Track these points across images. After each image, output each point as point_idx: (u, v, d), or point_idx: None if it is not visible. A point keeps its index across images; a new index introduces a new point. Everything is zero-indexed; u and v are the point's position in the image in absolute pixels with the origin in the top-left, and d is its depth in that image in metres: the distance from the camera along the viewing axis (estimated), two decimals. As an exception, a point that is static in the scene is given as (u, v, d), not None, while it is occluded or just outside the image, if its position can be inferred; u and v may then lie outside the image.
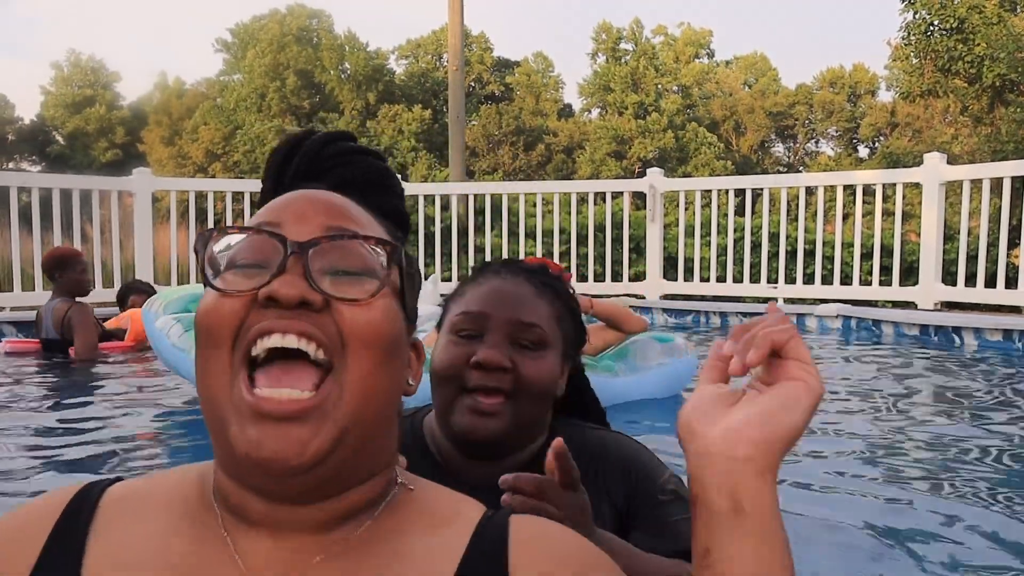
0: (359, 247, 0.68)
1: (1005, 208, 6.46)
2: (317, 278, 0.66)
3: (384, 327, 0.67)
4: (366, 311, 0.66)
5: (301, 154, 0.78)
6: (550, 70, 40.19)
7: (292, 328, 0.64)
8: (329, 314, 0.65)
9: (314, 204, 0.70)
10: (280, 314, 0.64)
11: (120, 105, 41.19)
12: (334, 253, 0.67)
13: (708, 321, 6.94)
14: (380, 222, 0.76)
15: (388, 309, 0.69)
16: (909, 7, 13.80)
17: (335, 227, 0.68)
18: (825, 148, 39.59)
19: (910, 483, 2.57)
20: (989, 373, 4.70)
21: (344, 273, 0.67)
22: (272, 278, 0.65)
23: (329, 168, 0.77)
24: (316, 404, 0.64)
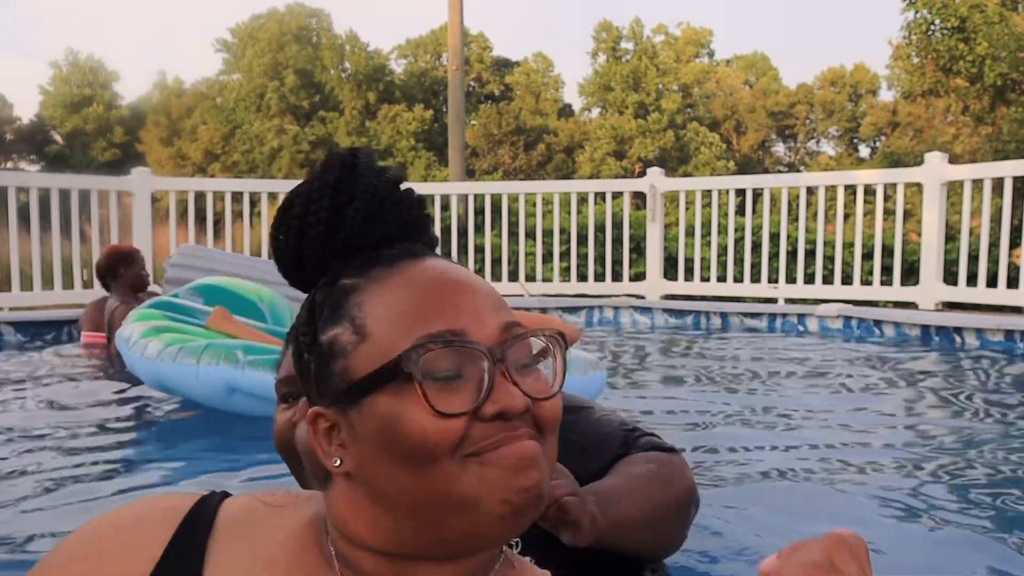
0: (531, 340, 0.72)
1: (1006, 208, 6.44)
2: (519, 381, 0.69)
3: (560, 407, 0.73)
4: (554, 400, 0.71)
5: (361, 197, 0.73)
6: (550, 70, 40.17)
7: (522, 436, 0.68)
8: (529, 412, 0.69)
9: (480, 301, 0.71)
10: (505, 426, 0.68)
11: (119, 105, 41.15)
12: (517, 348, 0.70)
13: (708, 321, 6.92)
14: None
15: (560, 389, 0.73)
16: (910, 6, 13.78)
17: (509, 323, 0.71)
18: (826, 148, 39.62)
19: (911, 483, 2.55)
20: (991, 373, 4.68)
21: (524, 366, 0.71)
22: (489, 391, 0.67)
23: (387, 208, 0.75)
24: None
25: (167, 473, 2.74)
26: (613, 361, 5.27)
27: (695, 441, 3.13)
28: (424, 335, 0.67)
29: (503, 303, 0.73)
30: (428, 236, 0.78)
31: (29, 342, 5.78)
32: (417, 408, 0.66)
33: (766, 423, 3.44)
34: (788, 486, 2.52)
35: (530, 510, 0.69)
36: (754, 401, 3.90)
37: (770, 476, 2.62)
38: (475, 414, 0.67)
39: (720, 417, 3.54)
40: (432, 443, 0.66)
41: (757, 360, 5.19)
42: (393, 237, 0.75)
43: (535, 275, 8.48)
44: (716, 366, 4.97)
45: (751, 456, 2.87)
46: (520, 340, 0.70)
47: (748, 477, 2.62)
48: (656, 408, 3.77)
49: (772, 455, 2.89)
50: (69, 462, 2.80)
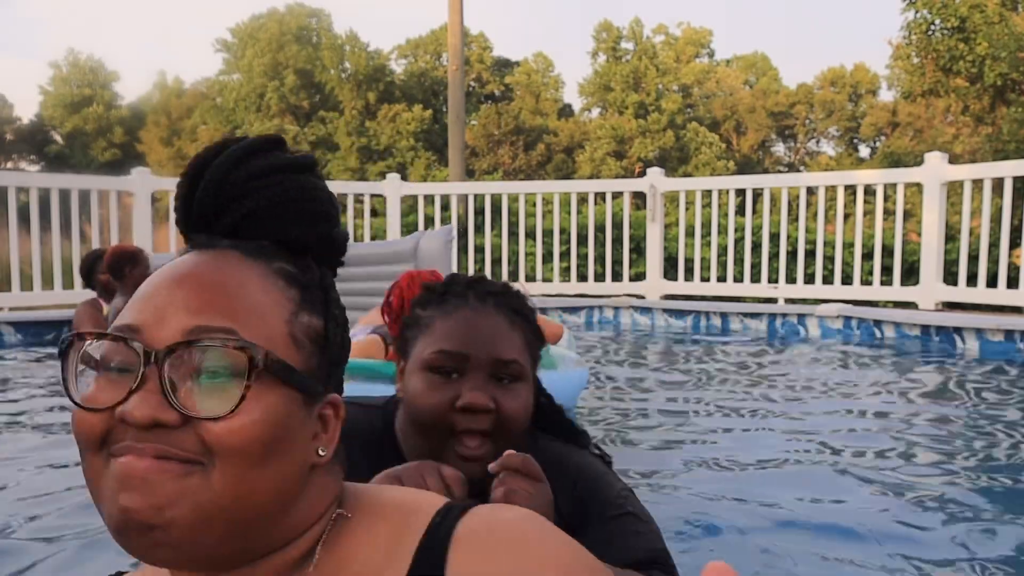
0: (220, 350, 0.64)
1: (1006, 208, 6.44)
2: (177, 390, 0.63)
3: (252, 434, 0.63)
4: (229, 423, 0.62)
5: (203, 186, 0.71)
6: (550, 70, 40.16)
7: (147, 451, 0.62)
8: (191, 428, 0.62)
9: (174, 300, 0.65)
10: (135, 435, 0.62)
11: (119, 105, 41.16)
12: (196, 356, 0.63)
13: (709, 321, 6.92)
14: (281, 268, 0.70)
15: (264, 408, 0.64)
16: (910, 6, 13.78)
17: (198, 327, 0.64)
18: (826, 148, 39.61)
19: (911, 483, 2.55)
20: (990, 373, 4.68)
21: (210, 375, 0.63)
22: (128, 395, 0.62)
23: (236, 197, 0.70)
24: (173, 480, 0.62)
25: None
26: (613, 361, 5.27)
27: (694, 441, 3.13)
28: (115, 325, 0.66)
29: (218, 307, 0.65)
30: (288, 225, 0.72)
31: (29, 342, 5.78)
32: (70, 398, 0.65)
33: (766, 423, 3.44)
34: (787, 486, 2.51)
35: (131, 534, 0.62)
36: (753, 401, 3.90)
37: (769, 476, 2.62)
38: (116, 414, 0.63)
39: (720, 417, 3.54)
40: (76, 432, 0.65)
41: (757, 360, 5.19)
42: (239, 227, 0.71)
43: (535, 275, 8.48)
44: (716, 366, 4.96)
45: (750, 456, 2.87)
46: (193, 345, 0.63)
47: (747, 477, 2.62)
48: (655, 408, 3.76)
49: (771, 455, 2.89)
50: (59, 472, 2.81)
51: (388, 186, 8.62)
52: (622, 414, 3.65)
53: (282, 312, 0.68)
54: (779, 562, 1.94)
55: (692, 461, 2.80)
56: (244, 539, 0.65)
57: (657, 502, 2.34)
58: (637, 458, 2.82)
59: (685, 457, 2.85)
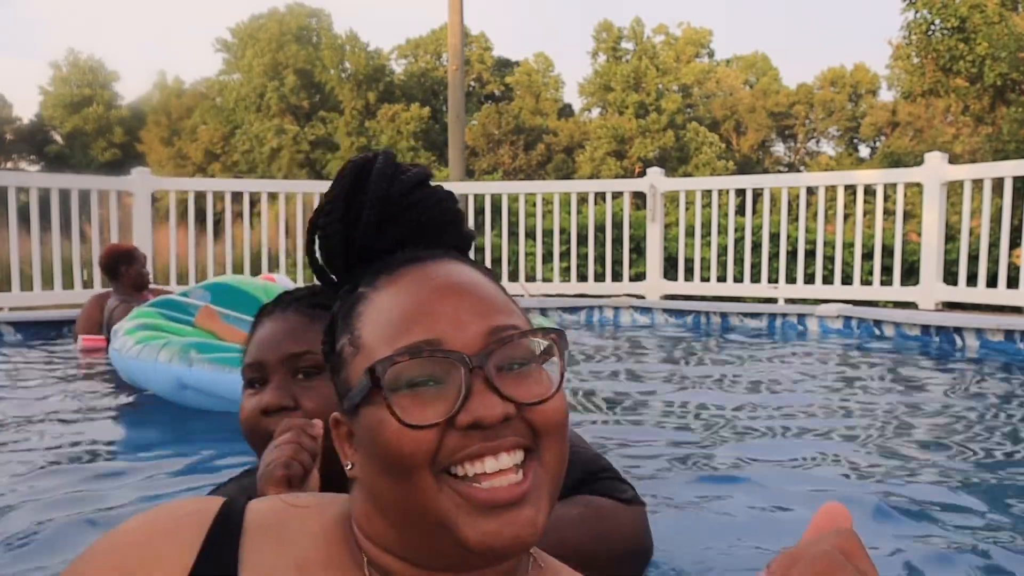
0: (525, 342, 0.70)
1: (1006, 208, 6.44)
2: (503, 387, 0.67)
3: (564, 409, 0.71)
4: (552, 403, 0.69)
5: (371, 201, 0.76)
6: (550, 70, 40.16)
7: (501, 447, 0.67)
8: (521, 416, 0.68)
9: (463, 306, 0.70)
10: (484, 435, 0.67)
11: (119, 105, 41.16)
12: (505, 352, 0.69)
13: (709, 321, 6.92)
14: (484, 270, 0.77)
15: (562, 390, 0.71)
16: (910, 6, 13.79)
17: (495, 327, 0.69)
18: (826, 148, 39.63)
19: (910, 483, 2.55)
20: (991, 374, 4.68)
21: (517, 364, 0.69)
22: (464, 400, 0.66)
23: (401, 210, 0.76)
24: (531, 484, 0.68)
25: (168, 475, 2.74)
26: (613, 361, 5.27)
27: (693, 441, 3.13)
28: (400, 346, 0.68)
29: (496, 306, 0.71)
30: (451, 235, 0.78)
31: (29, 342, 5.78)
32: (390, 419, 0.67)
33: (765, 423, 3.44)
34: (786, 486, 2.51)
35: (508, 551, 0.67)
36: (753, 401, 3.90)
37: (769, 476, 2.62)
38: (450, 424, 0.66)
39: (718, 417, 3.54)
40: (405, 454, 0.66)
41: (756, 360, 5.19)
42: (410, 240, 0.76)
43: (535, 275, 8.48)
44: (715, 366, 4.96)
45: (750, 456, 2.87)
46: (505, 343, 0.68)
47: (746, 477, 2.62)
48: (655, 408, 3.76)
49: (771, 455, 2.89)
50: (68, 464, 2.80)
51: (388, 186, 8.62)
52: (621, 414, 3.65)
53: (510, 303, 0.75)
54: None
55: (692, 461, 2.80)
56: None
57: (657, 501, 2.34)
58: (637, 458, 2.82)
59: (684, 457, 2.85)
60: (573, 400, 3.94)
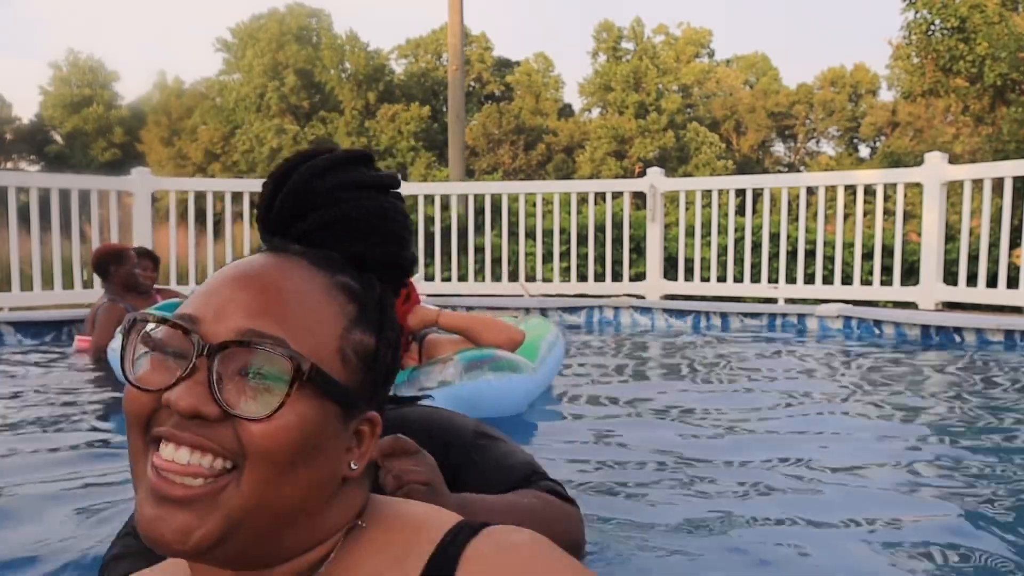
0: (269, 355, 0.66)
1: (1006, 208, 6.44)
2: (224, 385, 0.65)
3: (284, 440, 0.65)
4: (265, 426, 0.64)
5: (288, 188, 0.74)
6: (550, 70, 40.16)
7: (184, 440, 0.64)
8: (230, 424, 0.65)
9: (236, 299, 0.68)
10: (176, 422, 0.65)
11: (119, 105, 41.16)
12: (246, 357, 0.66)
13: (708, 321, 6.92)
14: (344, 283, 0.72)
15: (300, 419, 0.66)
16: (910, 6, 13.79)
17: (251, 331, 0.66)
18: (826, 148, 39.63)
19: (910, 484, 2.55)
20: (990, 374, 4.68)
21: (258, 375, 0.66)
22: (177, 380, 0.65)
23: (316, 206, 0.74)
24: (203, 494, 0.64)
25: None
26: (613, 361, 5.27)
27: (693, 441, 3.13)
28: (176, 313, 0.69)
29: (275, 314, 0.67)
30: (367, 244, 0.75)
31: (29, 342, 5.78)
32: (127, 374, 0.68)
33: (764, 423, 3.43)
34: (784, 487, 2.51)
35: (155, 546, 0.65)
36: (753, 402, 3.90)
37: (767, 476, 2.62)
38: (163, 399, 0.65)
39: (719, 417, 3.54)
40: (125, 408, 0.67)
41: (756, 361, 5.19)
42: (312, 235, 0.74)
43: (535, 275, 8.48)
44: (715, 367, 4.96)
45: (749, 456, 2.87)
46: (243, 347, 0.65)
47: (746, 477, 2.62)
48: (654, 409, 3.76)
49: (770, 455, 2.89)
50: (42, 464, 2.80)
51: (388, 186, 8.61)
52: (621, 414, 3.65)
53: (335, 326, 0.70)
54: (778, 561, 1.94)
55: (691, 461, 2.80)
56: (266, 544, 0.68)
57: (656, 503, 2.34)
58: (636, 459, 2.82)
59: (684, 458, 2.85)
60: (573, 400, 3.94)
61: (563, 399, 3.95)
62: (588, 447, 3.04)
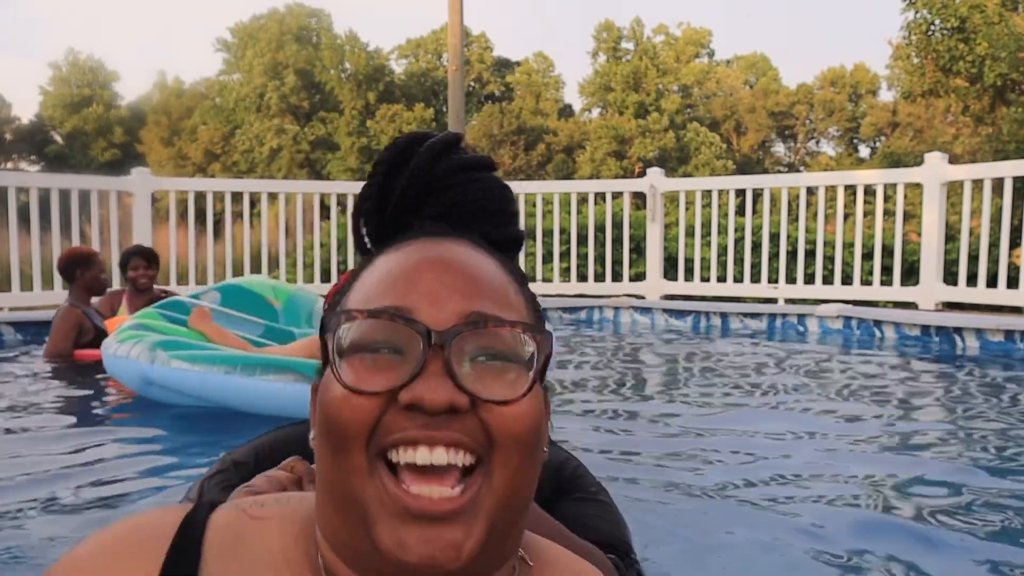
0: (505, 333, 0.63)
1: (1006, 208, 6.44)
2: (462, 374, 0.60)
3: (533, 422, 0.63)
4: (515, 409, 0.61)
5: (410, 173, 0.72)
6: (550, 70, 40.16)
7: (440, 439, 0.60)
8: (476, 414, 0.61)
9: (447, 282, 0.64)
10: (425, 422, 0.59)
11: (119, 105, 41.17)
12: (477, 340, 0.62)
13: (709, 321, 6.92)
14: (504, 264, 0.70)
15: (537, 399, 0.64)
16: (910, 7, 13.78)
17: (475, 312, 0.62)
18: (826, 148, 39.63)
19: (909, 484, 2.55)
20: (990, 374, 4.68)
21: (490, 356, 0.62)
22: (413, 376, 0.60)
23: (442, 188, 0.72)
24: (468, 502, 0.60)
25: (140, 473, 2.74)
26: (613, 361, 5.27)
27: (693, 442, 3.13)
28: (366, 310, 0.63)
29: (489, 293, 0.65)
30: (490, 224, 0.73)
31: (29, 342, 5.77)
32: (335, 380, 0.62)
33: (765, 423, 3.43)
34: (785, 487, 2.51)
35: (420, 570, 0.59)
36: (753, 401, 3.90)
37: (767, 477, 2.62)
38: (394, 399, 0.60)
39: (719, 417, 3.54)
40: (341, 420, 0.61)
41: (756, 361, 5.18)
42: (444, 220, 0.71)
43: (535, 275, 8.48)
44: (715, 367, 4.96)
45: (749, 456, 2.87)
46: (480, 329, 0.61)
47: (745, 478, 2.62)
48: (655, 408, 3.76)
49: (770, 456, 2.89)
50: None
51: (388, 186, 8.61)
52: (621, 414, 3.65)
53: (524, 308, 0.68)
54: (778, 561, 1.94)
55: (691, 462, 2.80)
56: (505, 542, 0.65)
57: (656, 503, 2.34)
58: (636, 459, 2.82)
59: (684, 458, 2.85)
60: (572, 400, 3.94)
61: (563, 399, 3.94)
62: (588, 446, 3.04)
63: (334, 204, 8.15)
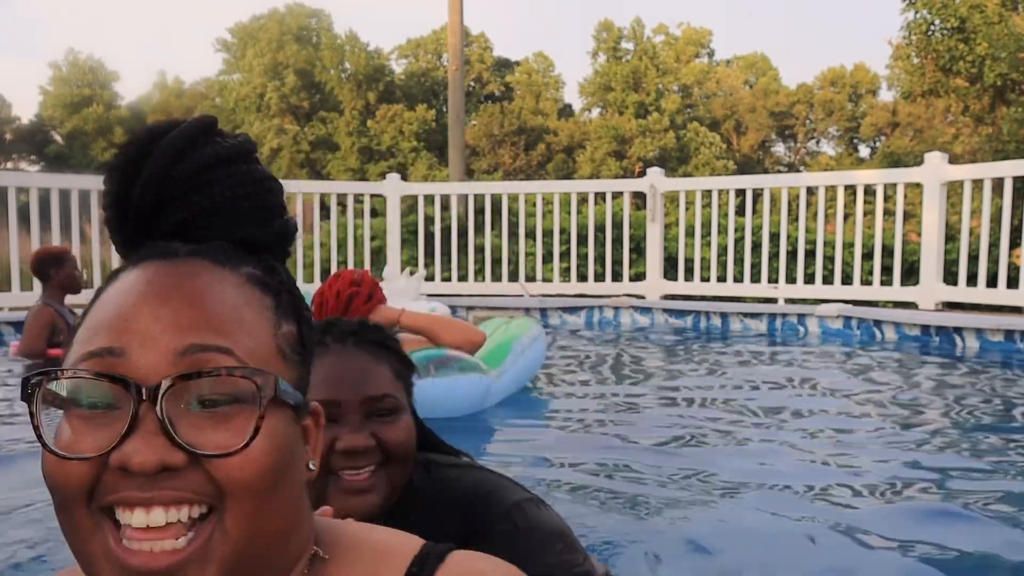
0: (224, 379, 0.58)
1: (1006, 208, 6.44)
2: (179, 428, 0.56)
3: (268, 464, 0.58)
4: (242, 457, 0.57)
5: (143, 182, 0.62)
6: (550, 70, 40.16)
7: (157, 500, 0.56)
8: (200, 466, 0.56)
9: (162, 316, 0.58)
10: (140, 483, 0.55)
11: (118, 105, 41.16)
12: (196, 387, 0.57)
13: (709, 321, 6.92)
14: (251, 275, 0.64)
15: (270, 437, 0.59)
16: (910, 7, 13.78)
17: (193, 345, 0.57)
18: (826, 148, 39.62)
19: (909, 484, 2.55)
20: (990, 374, 4.68)
21: (212, 403, 0.58)
22: (123, 438, 0.55)
23: (181, 194, 0.63)
24: (195, 551, 0.57)
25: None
26: (612, 361, 5.27)
27: (693, 442, 3.13)
28: (83, 352, 0.58)
29: (209, 321, 0.59)
30: (252, 225, 0.65)
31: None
32: (44, 447, 0.57)
33: (765, 423, 3.43)
34: (785, 487, 2.51)
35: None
36: (753, 402, 3.90)
37: (768, 477, 2.62)
38: (106, 460, 0.56)
39: (719, 418, 3.54)
40: (57, 484, 0.57)
41: (756, 361, 5.19)
42: (197, 226, 0.64)
43: (535, 275, 8.47)
44: (715, 367, 4.96)
45: (749, 456, 2.87)
46: (192, 380, 0.57)
47: (745, 477, 2.62)
48: (654, 409, 3.76)
49: (770, 456, 2.89)
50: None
51: (388, 186, 8.62)
52: (621, 414, 3.65)
53: (267, 324, 0.62)
54: (779, 561, 1.94)
55: (691, 462, 2.80)
56: (262, 571, 0.61)
57: (656, 502, 2.34)
58: (635, 459, 2.82)
59: (684, 458, 2.85)
60: (571, 400, 3.94)
61: (562, 398, 3.94)
62: (585, 445, 3.04)
63: (334, 204, 8.15)
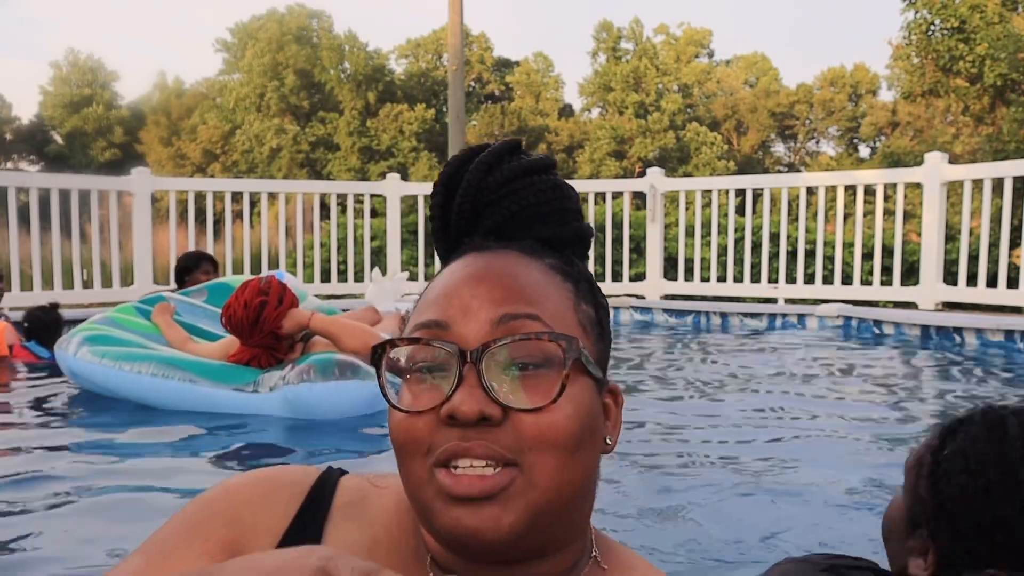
0: (533, 344, 0.66)
1: (1006, 208, 6.44)
2: (496, 386, 0.65)
3: (567, 427, 0.66)
4: (546, 417, 0.65)
5: (461, 193, 0.75)
6: (550, 70, 40.15)
7: (472, 452, 0.64)
8: (510, 424, 0.65)
9: (479, 294, 0.68)
10: (463, 434, 0.64)
11: (118, 105, 41.14)
12: (510, 350, 0.66)
13: (709, 321, 6.92)
14: (553, 264, 0.74)
15: (573, 401, 0.67)
16: (910, 7, 13.79)
17: (506, 314, 0.67)
18: (826, 148, 39.61)
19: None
20: (990, 374, 4.68)
21: (524, 366, 0.66)
22: (451, 392, 0.65)
23: (494, 201, 0.75)
24: (504, 482, 0.65)
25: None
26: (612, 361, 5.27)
27: (693, 442, 3.13)
28: (414, 324, 0.69)
29: (518, 294, 0.69)
30: (549, 227, 0.76)
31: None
32: (390, 406, 0.68)
33: (764, 423, 3.44)
34: (786, 488, 2.51)
35: (468, 542, 0.65)
36: (753, 402, 3.90)
37: (768, 478, 2.62)
38: (439, 415, 0.65)
39: (719, 417, 3.54)
40: (400, 441, 0.67)
41: (756, 361, 5.18)
42: (506, 229, 0.75)
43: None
44: (715, 366, 4.96)
45: (749, 457, 2.87)
46: (510, 343, 0.66)
47: (745, 477, 2.62)
48: (654, 408, 3.76)
49: (770, 456, 2.89)
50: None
51: (388, 186, 8.62)
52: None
53: (569, 301, 0.72)
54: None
55: (691, 462, 2.80)
56: (559, 529, 0.69)
57: (656, 502, 2.34)
58: (635, 459, 2.82)
59: (684, 458, 2.86)
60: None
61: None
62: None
63: (334, 204, 8.15)
